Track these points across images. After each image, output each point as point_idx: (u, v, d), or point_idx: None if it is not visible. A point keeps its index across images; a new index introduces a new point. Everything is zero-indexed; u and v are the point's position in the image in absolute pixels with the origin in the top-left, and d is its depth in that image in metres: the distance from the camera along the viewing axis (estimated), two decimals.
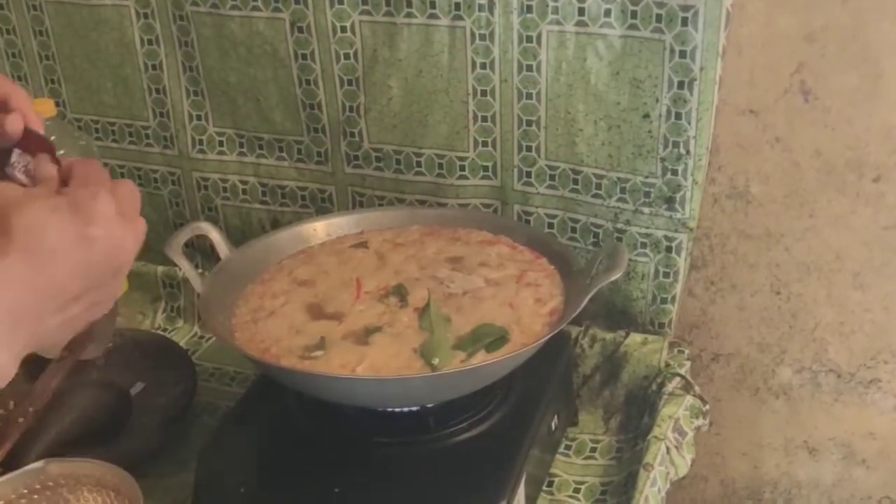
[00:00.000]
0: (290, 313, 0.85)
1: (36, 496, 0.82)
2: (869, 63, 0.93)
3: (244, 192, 1.17)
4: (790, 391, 1.11)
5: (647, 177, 0.97)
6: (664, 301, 1.02)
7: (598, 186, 1.00)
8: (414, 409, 0.82)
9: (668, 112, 0.93)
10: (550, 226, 1.05)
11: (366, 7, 1.00)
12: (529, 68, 0.97)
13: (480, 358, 0.77)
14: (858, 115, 0.95)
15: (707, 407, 0.96)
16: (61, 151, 1.06)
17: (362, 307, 0.84)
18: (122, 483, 0.81)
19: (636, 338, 1.02)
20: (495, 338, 0.79)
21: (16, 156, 0.58)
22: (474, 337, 0.79)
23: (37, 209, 0.53)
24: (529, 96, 0.99)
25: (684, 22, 0.89)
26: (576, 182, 1.01)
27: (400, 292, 0.85)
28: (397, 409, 0.82)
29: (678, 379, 0.96)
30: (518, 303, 0.84)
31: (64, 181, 0.57)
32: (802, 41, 0.94)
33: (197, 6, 1.07)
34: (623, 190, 0.99)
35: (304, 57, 1.05)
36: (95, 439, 0.91)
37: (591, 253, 1.00)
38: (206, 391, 1.04)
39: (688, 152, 0.94)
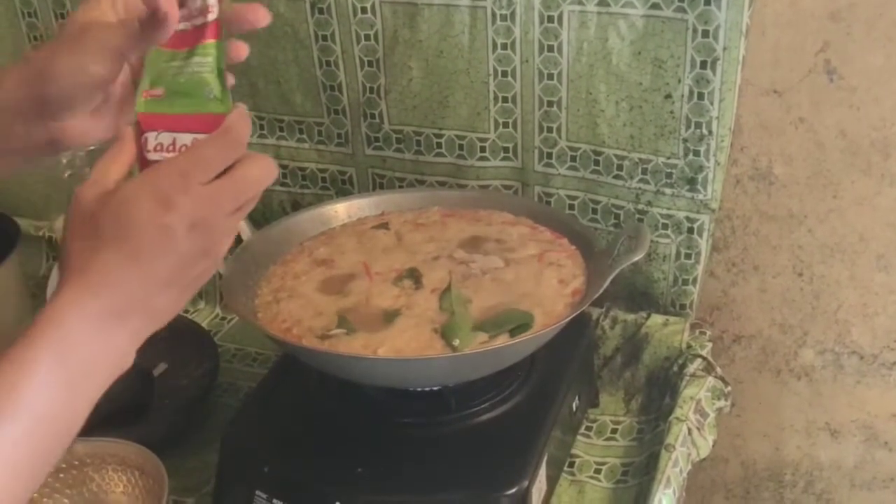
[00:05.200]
0: (311, 294, 0.85)
1: (62, 475, 0.83)
2: (895, 42, 0.92)
3: None
4: (812, 373, 1.10)
5: (668, 158, 0.97)
6: (686, 282, 1.02)
7: (620, 167, 1.00)
8: (435, 389, 0.82)
9: (691, 92, 0.93)
10: (571, 207, 1.04)
11: None
12: (551, 49, 0.97)
13: (502, 339, 0.77)
14: (884, 94, 0.94)
15: (728, 388, 0.96)
16: None
17: (377, 290, 0.84)
18: (147, 462, 0.81)
19: (657, 319, 1.01)
20: (519, 323, 0.79)
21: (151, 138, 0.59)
22: (498, 320, 0.79)
23: (129, 197, 0.55)
24: (550, 77, 0.98)
25: (707, 1, 0.88)
26: (597, 163, 1.01)
27: (413, 275, 0.85)
28: (419, 389, 0.83)
29: (700, 360, 0.96)
30: (542, 282, 0.84)
31: None
32: (827, 20, 0.93)
33: None
34: (645, 171, 0.99)
35: (324, 38, 1.05)
36: (119, 420, 0.92)
37: (613, 234, 1.00)
38: (229, 372, 1.05)
39: (710, 133, 0.94)
